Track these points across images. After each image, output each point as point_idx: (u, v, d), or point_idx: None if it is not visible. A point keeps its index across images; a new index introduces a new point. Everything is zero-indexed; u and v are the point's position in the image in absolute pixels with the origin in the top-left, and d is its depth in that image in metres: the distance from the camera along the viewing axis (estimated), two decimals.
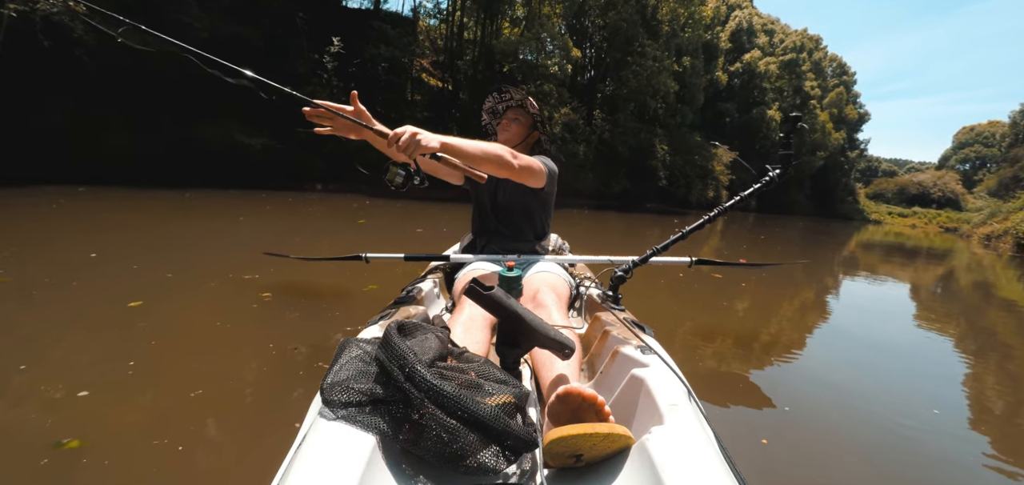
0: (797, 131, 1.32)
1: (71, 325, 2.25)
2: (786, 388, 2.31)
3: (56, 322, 2.24)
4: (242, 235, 5.04)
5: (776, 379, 2.40)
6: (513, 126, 1.71)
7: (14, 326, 2.15)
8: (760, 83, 31.57)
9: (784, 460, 1.66)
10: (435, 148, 1.17)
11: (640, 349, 1.01)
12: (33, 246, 3.70)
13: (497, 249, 1.71)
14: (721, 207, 1.54)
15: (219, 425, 1.58)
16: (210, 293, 2.87)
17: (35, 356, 1.88)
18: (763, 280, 5.28)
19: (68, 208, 5.69)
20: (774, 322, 3.59)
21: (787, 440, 1.80)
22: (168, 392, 1.73)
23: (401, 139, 1.11)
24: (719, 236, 11.40)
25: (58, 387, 1.66)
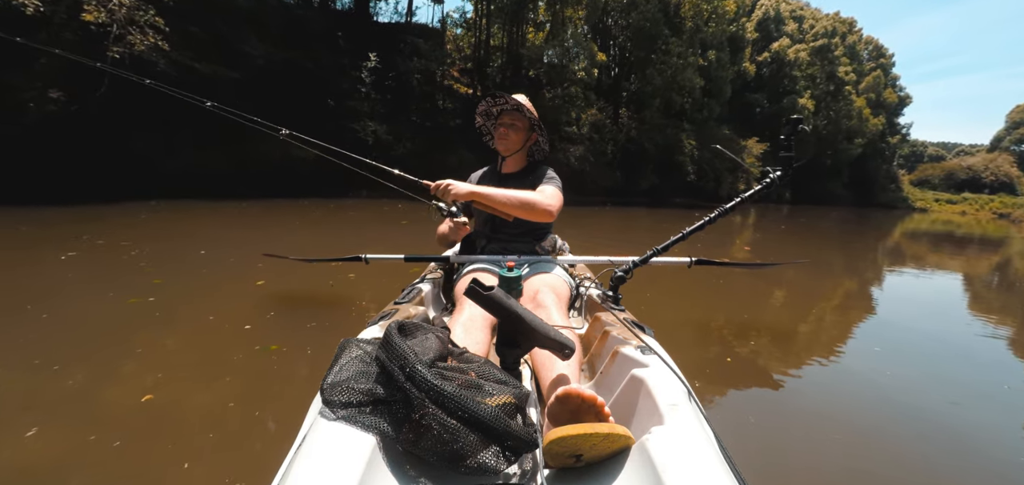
0: (798, 133, 1.33)
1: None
2: (790, 389, 2.23)
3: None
4: (288, 238, 5.54)
5: (779, 380, 2.31)
6: (511, 134, 1.68)
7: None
8: (790, 71, 30.50)
9: (785, 460, 1.64)
10: (464, 195, 1.43)
11: (640, 349, 1.00)
12: (156, 247, 4.53)
13: (497, 249, 1.70)
14: (721, 208, 1.53)
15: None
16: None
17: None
18: (794, 276, 5.07)
19: (155, 219, 6.42)
20: (789, 319, 3.47)
21: (788, 440, 1.77)
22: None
23: (439, 188, 1.43)
24: (752, 228, 11.14)
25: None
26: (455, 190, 1.42)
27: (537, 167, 1.76)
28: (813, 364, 2.61)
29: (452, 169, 15.09)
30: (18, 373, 1.93)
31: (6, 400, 1.77)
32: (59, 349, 2.15)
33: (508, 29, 17.15)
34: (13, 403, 1.73)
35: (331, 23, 13.70)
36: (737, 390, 2.15)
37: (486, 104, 1.75)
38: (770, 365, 2.54)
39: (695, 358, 2.45)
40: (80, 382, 1.88)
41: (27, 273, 3.48)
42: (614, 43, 21.14)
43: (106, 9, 7.94)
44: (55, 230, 5.27)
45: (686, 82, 18.88)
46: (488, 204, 1.47)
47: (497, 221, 1.69)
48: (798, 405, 2.10)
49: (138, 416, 1.68)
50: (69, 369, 1.96)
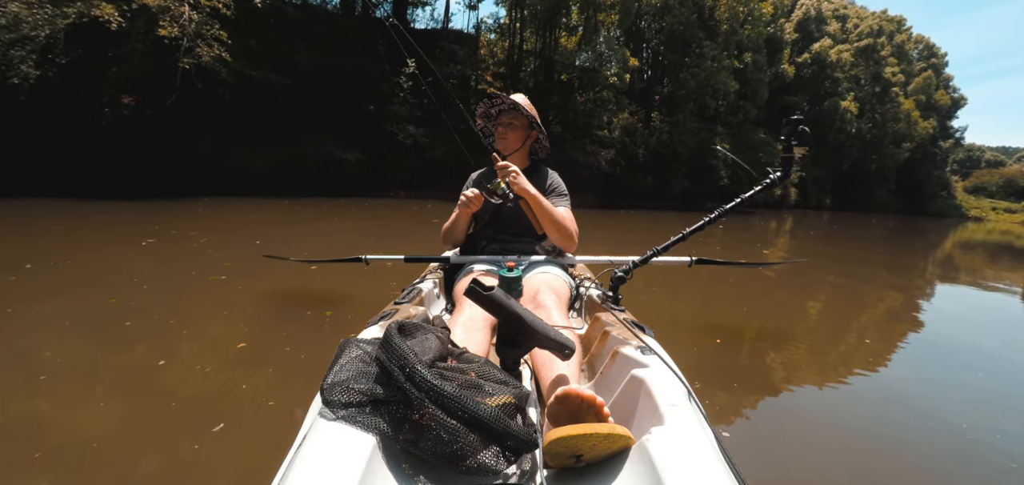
0: (799, 134, 1.33)
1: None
2: (792, 391, 2.20)
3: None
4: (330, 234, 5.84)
5: (781, 382, 2.29)
6: (509, 133, 1.68)
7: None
8: (832, 73, 29.18)
9: (785, 461, 1.63)
10: (521, 190, 1.47)
11: (640, 349, 0.99)
12: (219, 237, 5.07)
13: (497, 250, 1.68)
14: (722, 209, 1.53)
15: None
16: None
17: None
18: (816, 281, 4.87)
19: (212, 214, 7.00)
20: (795, 322, 3.38)
21: (789, 441, 1.76)
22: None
23: (506, 170, 1.46)
24: (788, 235, 10.72)
25: None
26: (520, 182, 1.46)
27: (539, 168, 1.76)
28: (817, 367, 2.52)
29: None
30: (145, 329, 2.38)
31: (139, 348, 2.17)
32: (163, 314, 2.60)
33: (541, 34, 17.32)
34: (156, 353, 2.11)
35: (373, 31, 14.33)
36: (737, 390, 2.13)
37: (485, 105, 1.76)
38: (772, 366, 2.48)
39: (695, 358, 2.42)
40: (192, 329, 2.42)
41: (115, 256, 4.05)
42: (647, 46, 20.91)
43: (178, 24, 8.65)
44: (128, 221, 5.84)
45: (720, 85, 18.36)
46: (537, 210, 1.53)
47: (499, 222, 1.70)
48: (800, 407, 2.06)
49: (236, 362, 2.06)
50: (181, 326, 2.45)
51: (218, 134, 10.39)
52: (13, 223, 5.41)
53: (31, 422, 1.56)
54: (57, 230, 5.10)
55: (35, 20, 7.86)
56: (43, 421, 1.57)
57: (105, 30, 8.30)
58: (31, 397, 1.71)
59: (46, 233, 4.88)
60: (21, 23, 7.80)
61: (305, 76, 11.83)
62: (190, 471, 1.38)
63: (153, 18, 8.55)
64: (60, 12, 8.03)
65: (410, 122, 13.03)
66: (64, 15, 8.05)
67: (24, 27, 7.81)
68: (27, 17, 7.82)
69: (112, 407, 1.66)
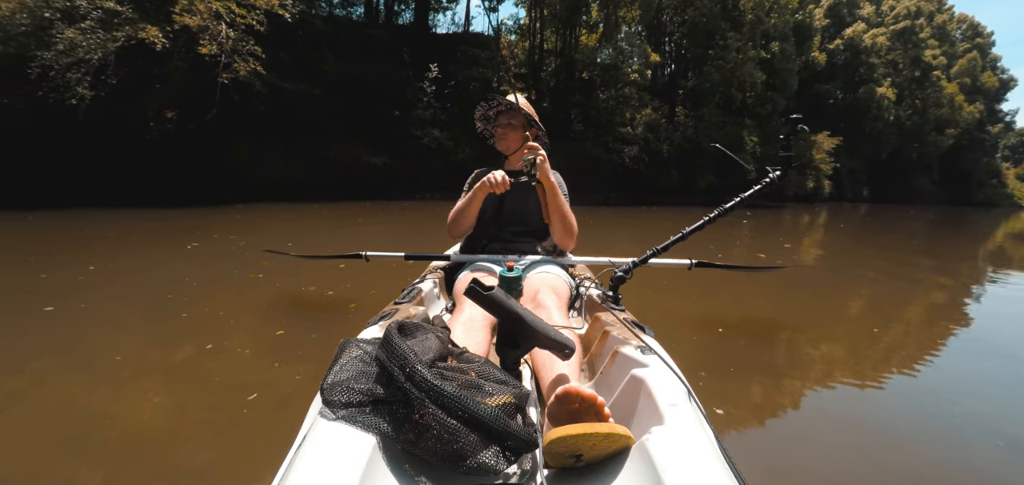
0: (797, 133, 1.31)
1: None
2: (794, 392, 2.17)
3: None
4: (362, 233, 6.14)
5: (782, 382, 2.25)
6: (509, 133, 1.68)
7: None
8: (866, 59, 27.82)
9: (786, 461, 1.62)
10: (543, 176, 1.49)
11: (640, 349, 0.98)
12: (256, 239, 5.42)
13: (498, 249, 1.68)
14: (722, 208, 1.51)
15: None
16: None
17: None
18: (829, 281, 4.72)
19: (248, 219, 7.35)
20: (801, 322, 3.28)
21: (789, 442, 1.75)
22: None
23: (536, 149, 1.47)
24: (823, 230, 10.34)
25: None
26: (545, 167, 1.49)
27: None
28: (820, 367, 2.46)
29: None
30: (200, 319, 2.69)
31: (194, 333, 2.45)
32: (213, 306, 2.93)
33: (561, 33, 17.31)
34: (207, 339, 2.36)
35: (396, 39, 14.68)
36: (738, 390, 2.11)
37: (483, 107, 1.76)
38: (773, 366, 2.44)
39: (695, 358, 2.40)
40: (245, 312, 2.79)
41: (165, 258, 4.42)
42: (669, 40, 20.62)
43: (216, 42, 9.13)
44: (174, 227, 6.24)
45: (746, 77, 17.76)
46: (551, 201, 1.56)
47: (501, 219, 1.70)
48: (801, 408, 2.03)
49: (275, 346, 2.31)
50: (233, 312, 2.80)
51: (254, 143, 10.89)
52: (74, 231, 5.86)
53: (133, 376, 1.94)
54: (111, 237, 5.50)
55: (89, 45, 8.46)
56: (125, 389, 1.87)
57: (150, 51, 8.84)
58: (114, 375, 1.99)
59: (101, 239, 5.28)
60: (77, 48, 8.41)
61: (334, 85, 12.23)
62: (234, 429, 1.63)
63: (194, 37, 9.05)
64: (110, 36, 8.61)
65: (434, 126, 13.29)
66: (114, 39, 8.62)
67: (79, 51, 8.42)
68: (82, 42, 8.42)
69: (177, 382, 1.97)
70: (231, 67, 9.42)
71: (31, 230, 5.80)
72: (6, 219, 6.37)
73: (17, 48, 8.47)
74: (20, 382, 1.93)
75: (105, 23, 8.64)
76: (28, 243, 5.07)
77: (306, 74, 11.76)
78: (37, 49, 8.35)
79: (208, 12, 9.11)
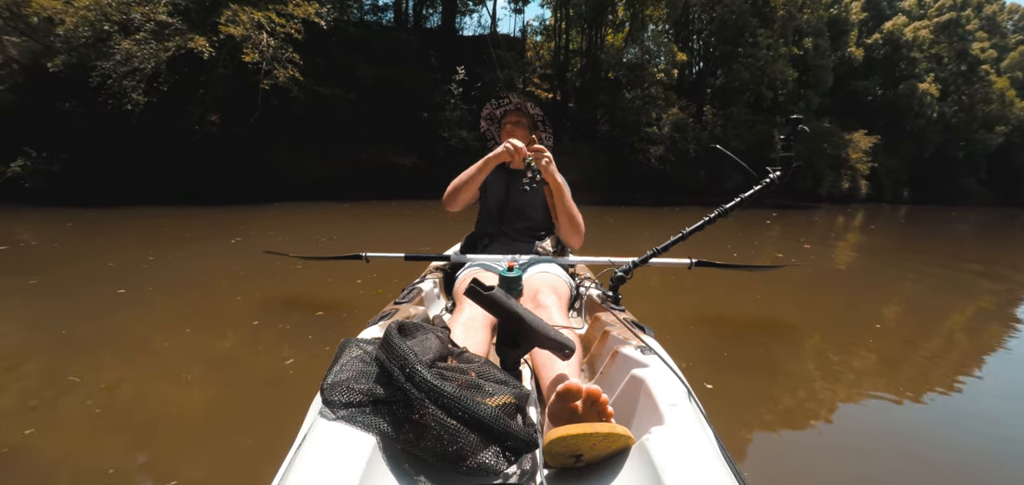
0: (798, 134, 1.31)
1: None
2: (795, 392, 2.15)
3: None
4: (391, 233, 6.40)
5: (783, 382, 2.23)
6: (517, 132, 1.67)
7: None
8: (907, 53, 26.51)
9: (786, 462, 1.61)
10: (549, 176, 1.51)
11: (640, 349, 0.98)
12: (292, 236, 5.78)
13: (498, 249, 1.68)
14: (722, 208, 1.51)
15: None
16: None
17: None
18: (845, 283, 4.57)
19: (284, 216, 7.74)
20: (805, 321, 3.24)
21: (790, 443, 1.74)
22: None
23: (540, 152, 1.49)
24: (859, 231, 9.95)
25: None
26: (550, 167, 1.50)
27: None
28: (821, 368, 2.42)
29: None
30: (250, 301, 3.05)
31: (249, 314, 2.78)
32: (263, 290, 3.32)
33: (587, 33, 17.19)
34: (256, 317, 2.70)
35: (424, 43, 15.01)
36: (738, 390, 2.09)
37: (490, 107, 1.78)
38: (774, 367, 2.41)
39: (695, 358, 2.39)
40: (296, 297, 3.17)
41: (213, 251, 4.86)
42: (698, 38, 20.27)
43: (258, 51, 9.56)
44: (218, 223, 6.69)
45: (777, 75, 17.12)
46: (558, 201, 1.58)
47: (504, 216, 1.70)
48: (802, 408, 2.00)
49: (316, 322, 2.63)
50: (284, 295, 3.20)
51: (292, 145, 11.38)
52: (131, 225, 6.35)
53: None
54: (164, 231, 5.95)
55: (143, 55, 9.04)
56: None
57: (197, 59, 9.38)
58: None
59: (155, 233, 5.76)
60: (132, 58, 9.01)
61: (365, 89, 12.61)
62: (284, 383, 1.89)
63: (237, 46, 9.51)
64: (162, 46, 9.17)
65: (461, 127, 13.53)
66: (165, 49, 9.18)
67: (134, 61, 9.01)
68: (137, 52, 9.00)
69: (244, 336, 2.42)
70: (271, 74, 9.84)
71: (92, 225, 6.28)
72: (69, 215, 6.87)
73: (79, 59, 9.13)
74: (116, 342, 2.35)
75: (157, 34, 9.20)
76: (91, 236, 5.54)
77: (340, 78, 12.17)
78: (97, 59, 8.98)
79: (251, 22, 9.57)
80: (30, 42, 9.72)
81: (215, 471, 1.43)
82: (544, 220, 1.70)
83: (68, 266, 3.99)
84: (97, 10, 8.94)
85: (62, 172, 9.23)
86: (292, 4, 10.20)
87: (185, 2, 9.57)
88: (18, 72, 9.70)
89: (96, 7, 8.93)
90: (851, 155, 21.76)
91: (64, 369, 2.02)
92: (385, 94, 12.90)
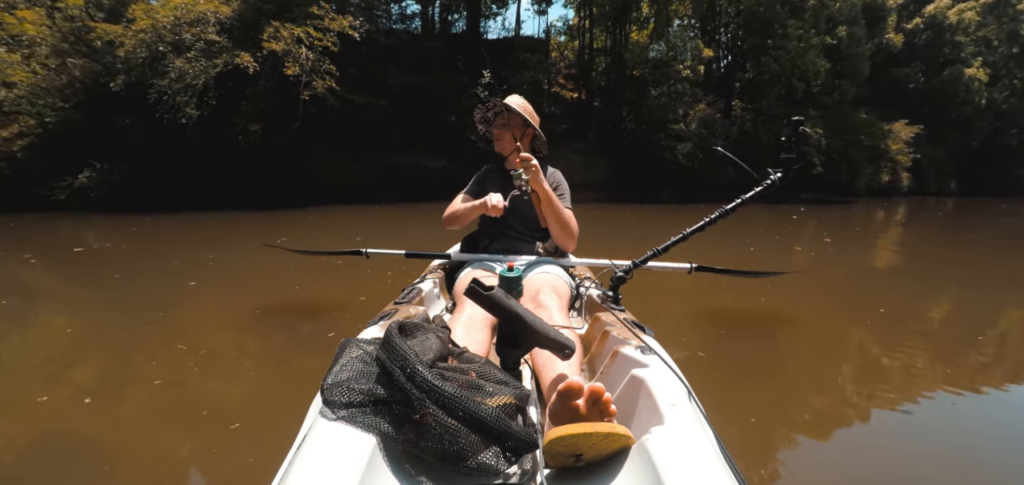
0: (800, 135, 1.29)
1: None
2: (795, 391, 2.13)
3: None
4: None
5: (784, 382, 2.21)
6: (506, 135, 1.66)
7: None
8: (952, 37, 25.07)
9: (785, 462, 1.60)
10: (537, 186, 1.47)
11: (640, 349, 0.97)
12: (331, 236, 6.19)
13: (498, 249, 1.67)
14: (722, 209, 1.49)
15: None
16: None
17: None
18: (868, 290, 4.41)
19: (320, 220, 8.17)
20: (807, 321, 3.18)
21: (790, 443, 1.72)
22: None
23: (528, 162, 1.44)
24: (902, 228, 9.52)
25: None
26: (537, 177, 1.46)
27: (542, 166, 1.71)
28: (824, 367, 2.39)
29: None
30: (306, 290, 3.44)
31: (301, 300, 3.14)
32: (316, 285, 3.68)
33: (611, 31, 16.91)
34: (308, 299, 3.08)
35: (450, 48, 15.40)
36: (738, 390, 2.07)
37: (481, 110, 1.76)
38: (775, 366, 2.38)
39: (695, 358, 2.37)
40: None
41: (263, 250, 5.18)
42: (724, 31, 19.86)
43: (298, 64, 10.13)
44: (263, 226, 7.16)
45: (809, 66, 16.32)
46: (546, 209, 1.54)
47: (501, 221, 1.69)
48: (803, 408, 1.99)
49: (358, 308, 2.91)
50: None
51: (328, 152, 11.94)
52: (187, 229, 6.89)
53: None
54: (216, 234, 6.41)
55: (194, 72, 9.73)
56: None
57: (242, 74, 10.04)
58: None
59: (209, 237, 6.25)
60: (184, 75, 9.71)
61: (396, 96, 13.05)
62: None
63: (279, 60, 10.11)
64: (211, 63, 9.85)
65: None
66: (214, 65, 9.86)
67: (187, 77, 9.71)
68: (188, 69, 9.69)
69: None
70: (310, 85, 10.36)
71: (152, 229, 6.83)
72: (132, 220, 7.50)
73: (137, 77, 9.90)
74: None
75: (206, 52, 9.87)
76: (154, 239, 6.08)
77: (373, 86, 12.68)
78: (153, 77, 9.73)
79: (291, 37, 10.15)
80: (92, 64, 10.61)
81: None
82: (540, 225, 1.66)
83: (139, 264, 4.51)
84: (153, 32, 9.68)
85: (122, 181, 9.99)
86: (328, 18, 10.70)
87: (231, 21, 10.22)
88: (81, 91, 10.57)
89: (152, 30, 9.68)
90: (891, 146, 20.85)
91: (148, 349, 2.41)
92: (414, 99, 13.35)
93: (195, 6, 9.75)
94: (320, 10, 10.63)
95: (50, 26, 10.47)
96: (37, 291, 3.71)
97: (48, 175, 9.72)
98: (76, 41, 10.53)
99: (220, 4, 10.05)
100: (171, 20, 9.63)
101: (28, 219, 7.95)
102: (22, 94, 10.17)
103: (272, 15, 10.31)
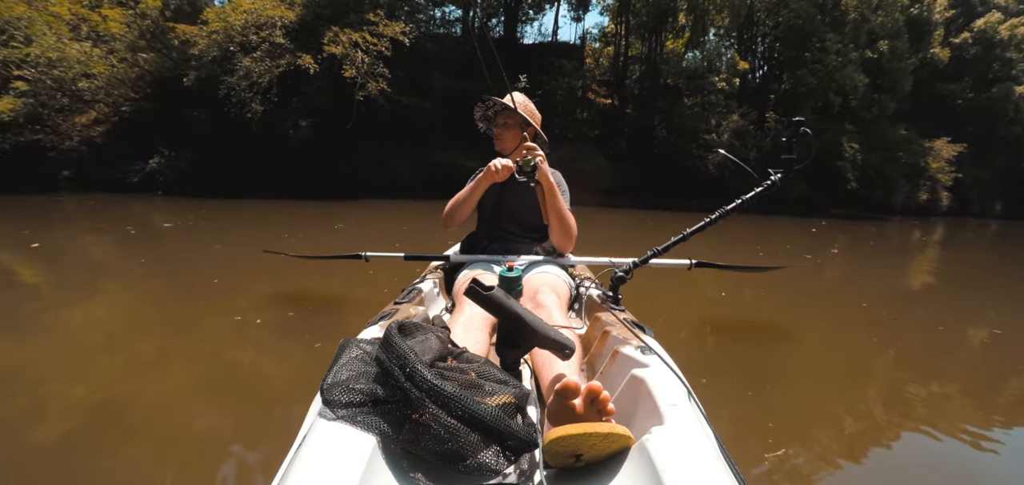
0: (801, 137, 1.31)
1: None
2: (795, 391, 2.12)
3: None
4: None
5: (784, 382, 2.20)
6: (505, 133, 1.62)
7: None
8: (1003, 53, 23.72)
9: (786, 462, 1.58)
10: (541, 176, 1.43)
11: (640, 349, 0.96)
12: (379, 227, 6.75)
13: (498, 250, 1.63)
14: (722, 210, 1.50)
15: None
16: None
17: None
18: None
19: (365, 211, 8.73)
20: (806, 322, 3.19)
21: (789, 443, 1.70)
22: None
23: (533, 151, 1.43)
24: (940, 246, 9.24)
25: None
26: (543, 167, 1.43)
27: None
28: (823, 370, 2.38)
29: (590, 176, 15.66)
30: (362, 274, 3.58)
31: (359, 283, 3.37)
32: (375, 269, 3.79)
33: (647, 39, 16.65)
34: (357, 286, 3.30)
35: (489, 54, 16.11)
36: (738, 390, 2.05)
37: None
38: (775, 367, 2.36)
39: (695, 358, 2.34)
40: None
41: (325, 234, 5.59)
42: (761, 41, 19.44)
43: (355, 67, 10.79)
44: (321, 214, 7.71)
45: (846, 80, 15.76)
46: (550, 201, 1.50)
47: (499, 220, 1.66)
48: (803, 409, 1.98)
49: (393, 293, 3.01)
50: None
51: (376, 149, 12.59)
52: (249, 214, 7.52)
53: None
54: (277, 219, 6.98)
55: (260, 70, 10.64)
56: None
57: (302, 73, 10.90)
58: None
59: (270, 220, 6.86)
60: (251, 73, 10.64)
61: (439, 98, 13.58)
62: None
63: (337, 62, 10.75)
64: (275, 63, 10.73)
65: None
66: (277, 65, 10.76)
67: (253, 75, 10.62)
68: (255, 68, 10.60)
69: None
70: (365, 86, 10.97)
71: (219, 212, 7.50)
72: (199, 204, 8.19)
73: (209, 74, 10.88)
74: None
75: (271, 53, 10.75)
76: (221, 220, 6.75)
77: (419, 88, 13.11)
78: (223, 75, 10.68)
79: (348, 42, 10.93)
80: (162, 59, 11.67)
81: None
82: (539, 224, 1.63)
83: (212, 241, 5.07)
84: (224, 34, 10.64)
85: (187, 168, 10.97)
86: (382, 24, 11.38)
87: (293, 25, 11.10)
88: (151, 83, 11.64)
89: (224, 31, 10.64)
90: (931, 164, 20.27)
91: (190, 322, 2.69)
92: (456, 101, 14.06)
93: (264, 11, 10.59)
94: (375, 17, 11.23)
95: (129, 24, 11.57)
96: (162, 255, 4.40)
97: (123, 159, 10.77)
98: (152, 38, 11.58)
99: (285, 9, 10.91)
100: (242, 23, 10.54)
101: (106, 198, 8.85)
102: (100, 85, 11.28)
103: (330, 20, 11.01)
